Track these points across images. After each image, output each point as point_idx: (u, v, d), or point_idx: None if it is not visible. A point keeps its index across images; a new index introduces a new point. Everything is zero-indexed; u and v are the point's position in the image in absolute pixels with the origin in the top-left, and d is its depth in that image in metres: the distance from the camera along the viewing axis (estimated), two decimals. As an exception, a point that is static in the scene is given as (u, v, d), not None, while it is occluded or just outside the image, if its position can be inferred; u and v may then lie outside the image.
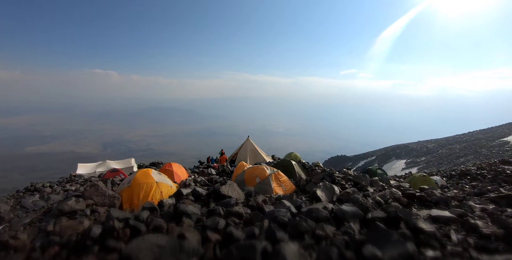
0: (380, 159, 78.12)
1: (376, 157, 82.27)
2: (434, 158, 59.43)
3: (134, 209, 5.37)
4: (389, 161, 73.71)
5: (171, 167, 11.71)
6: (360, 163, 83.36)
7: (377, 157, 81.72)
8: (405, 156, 71.36)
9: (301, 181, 9.81)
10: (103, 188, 6.25)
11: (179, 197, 6.34)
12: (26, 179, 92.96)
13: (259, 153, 20.54)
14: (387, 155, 78.62)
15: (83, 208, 5.37)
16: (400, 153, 74.81)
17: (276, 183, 8.64)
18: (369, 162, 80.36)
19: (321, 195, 6.88)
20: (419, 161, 62.52)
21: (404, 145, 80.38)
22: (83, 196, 6.05)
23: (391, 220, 4.68)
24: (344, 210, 4.95)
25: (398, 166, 64.76)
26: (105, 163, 21.41)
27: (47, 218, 5.21)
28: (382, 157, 79.88)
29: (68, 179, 18.22)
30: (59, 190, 11.32)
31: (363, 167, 70.24)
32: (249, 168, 9.46)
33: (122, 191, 6.94)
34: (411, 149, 74.00)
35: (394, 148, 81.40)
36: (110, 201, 6.16)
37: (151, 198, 6.75)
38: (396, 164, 68.48)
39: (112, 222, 3.55)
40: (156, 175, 7.55)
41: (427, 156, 63.56)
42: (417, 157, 66.15)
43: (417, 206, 7.49)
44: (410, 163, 63.87)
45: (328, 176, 9.63)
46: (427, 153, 66.48)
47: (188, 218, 4.23)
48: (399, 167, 63.92)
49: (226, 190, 6.09)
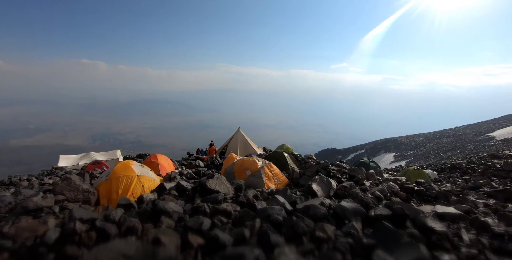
0: (369, 152, 78.92)
1: (366, 150, 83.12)
2: (422, 151, 60.28)
3: (110, 206, 4.79)
4: (378, 154, 74.55)
5: (156, 158, 11.05)
6: (350, 156, 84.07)
7: (367, 150, 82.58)
8: (394, 149, 72.26)
9: (294, 173, 9.34)
10: (76, 182, 5.61)
11: (162, 191, 5.77)
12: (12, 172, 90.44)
13: (250, 144, 19.98)
14: (376, 148, 79.48)
15: (50, 205, 4.73)
16: (389, 147, 75.68)
17: (268, 176, 8.14)
18: (359, 155, 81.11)
19: (317, 189, 6.41)
20: (407, 154, 63.37)
21: (393, 138, 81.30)
22: (54, 191, 5.42)
23: (397, 218, 4.23)
24: (344, 206, 4.48)
25: (387, 159, 65.52)
26: (89, 155, 20.49)
27: (9, 217, 4.56)
28: (371, 150, 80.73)
29: (49, 171, 17.35)
30: (36, 184, 10.58)
31: (353, 160, 70.70)
32: (239, 160, 8.91)
33: (100, 185, 6.31)
34: (399, 143, 74.93)
35: (384, 141, 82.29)
36: (85, 196, 5.54)
37: (131, 193, 6.15)
38: (385, 157, 69.31)
39: (73, 224, 2.96)
40: (138, 168, 6.92)
41: (415, 150, 64.46)
42: (405, 151, 67.04)
43: (416, 200, 7.13)
44: (399, 156, 64.70)
45: (323, 169, 9.19)
46: (415, 146, 67.42)
47: (167, 218, 3.67)
48: (388, 160, 64.68)
49: (213, 184, 5.54)
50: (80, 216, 3.17)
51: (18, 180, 13.63)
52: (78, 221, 3.08)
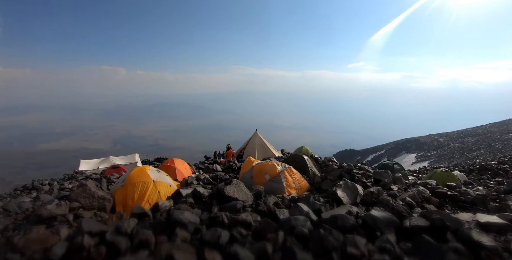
0: (389, 153, 76.52)
1: (386, 151, 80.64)
2: (446, 151, 57.68)
3: (124, 215, 4.59)
4: (399, 155, 72.08)
5: (173, 163, 10.88)
6: (369, 157, 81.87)
7: (387, 151, 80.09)
8: (416, 149, 69.58)
9: (315, 178, 8.91)
10: (91, 189, 5.47)
11: (178, 198, 5.52)
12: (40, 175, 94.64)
13: (268, 147, 19.59)
14: (397, 149, 76.90)
15: (65, 213, 4.59)
16: (410, 147, 72.98)
17: (288, 180, 7.75)
18: (379, 156, 78.85)
19: (342, 196, 5.97)
20: (430, 154, 60.84)
21: (414, 138, 78.35)
22: (69, 198, 5.29)
23: (436, 229, 3.76)
24: (374, 216, 4.04)
25: (409, 160, 63.20)
26: (108, 159, 20.80)
27: (24, 225, 4.45)
28: (391, 150, 78.22)
29: (70, 176, 17.71)
30: (55, 189, 10.71)
31: (373, 161, 68.70)
32: (258, 164, 8.57)
33: (116, 191, 6.16)
34: (421, 143, 72.06)
35: (404, 141, 79.50)
36: (100, 203, 5.38)
37: (147, 199, 5.96)
38: (406, 158, 66.90)
39: (81, 239, 2.73)
40: (154, 173, 6.74)
41: (438, 150, 61.78)
42: (428, 151, 64.40)
43: (450, 207, 6.55)
44: (421, 157, 62.25)
45: (347, 173, 8.70)
46: (438, 146, 64.61)
47: (183, 230, 3.38)
48: (410, 161, 62.37)
49: (232, 190, 5.23)
50: (89, 228, 2.93)
51: (40, 185, 13.93)
52: (86, 234, 2.84)
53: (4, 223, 4.58)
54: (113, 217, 4.34)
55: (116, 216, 4.41)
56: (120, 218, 4.36)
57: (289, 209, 4.88)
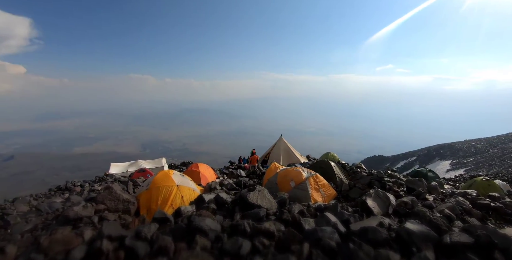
0: (421, 160, 72.49)
1: (417, 157, 76.47)
2: (484, 158, 53.72)
3: (146, 219, 4.57)
4: (431, 162, 67.99)
5: (197, 167, 10.89)
6: (399, 164, 78.09)
7: (418, 157, 75.93)
8: (450, 156, 65.29)
9: (343, 185, 8.49)
10: (117, 192, 5.53)
11: (200, 203, 5.44)
12: (74, 176, 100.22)
13: (293, 152, 19.18)
14: (430, 155, 72.59)
15: (90, 214, 4.65)
16: (444, 153, 68.63)
17: (314, 188, 7.45)
18: (409, 162, 74.98)
19: (372, 206, 5.59)
20: (466, 161, 56.89)
21: (449, 144, 73.60)
22: (96, 200, 5.38)
23: (482, 247, 3.36)
24: (410, 229, 3.69)
25: (443, 167, 59.46)
26: (137, 163, 21.45)
27: (52, 226, 4.55)
28: (423, 157, 74.03)
29: (100, 178, 18.40)
30: (86, 190, 11.10)
31: (404, 168, 65.42)
32: (283, 170, 8.34)
33: (140, 195, 6.21)
34: (457, 149, 67.48)
35: (438, 147, 74.91)
36: (124, 206, 5.42)
37: (170, 204, 5.94)
38: (440, 165, 62.96)
39: (100, 243, 2.67)
40: (178, 177, 6.73)
41: (475, 156, 57.63)
42: (464, 158, 60.23)
43: (494, 220, 5.93)
44: (456, 164, 58.32)
45: (377, 181, 8.21)
46: (475, 153, 60.27)
47: (203, 237, 3.26)
48: (444, 168, 58.66)
49: (255, 197, 5.06)
50: (109, 233, 2.89)
51: (72, 186, 14.60)
52: (106, 239, 2.80)
53: (35, 222, 4.73)
54: (135, 220, 4.32)
55: (139, 220, 4.38)
56: (142, 222, 4.34)
57: (315, 219, 4.62)
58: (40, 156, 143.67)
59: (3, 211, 6.06)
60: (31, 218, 5.10)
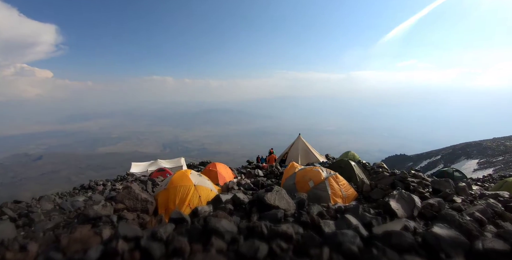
0: (446, 159, 69.23)
1: (442, 157, 73.07)
2: (515, 157, 50.66)
3: (163, 219, 4.56)
4: (457, 161, 64.77)
5: (215, 167, 10.89)
6: (422, 163, 75.06)
7: (443, 156, 72.52)
8: (478, 155, 61.89)
9: (364, 186, 8.19)
10: (136, 191, 5.59)
11: (218, 204, 5.39)
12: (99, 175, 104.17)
13: (311, 152, 18.84)
14: (455, 154, 69.11)
15: (109, 213, 4.71)
16: (471, 152, 65.15)
17: (334, 188, 7.22)
18: (433, 162, 71.85)
19: (396, 208, 5.31)
20: (495, 161, 53.77)
21: (476, 142, 69.78)
22: (115, 199, 5.46)
23: (518, 255, 3.08)
24: (438, 234, 3.45)
25: (469, 167, 56.54)
26: (157, 162, 21.88)
27: (73, 224, 4.64)
28: (448, 156, 70.65)
29: (122, 177, 18.94)
30: (108, 189, 11.42)
31: (427, 168, 62.98)
32: (301, 169, 8.15)
33: (158, 194, 6.26)
34: (484, 147, 63.83)
35: (464, 146, 71.23)
36: (143, 205, 5.47)
37: (188, 203, 5.93)
38: (466, 164, 59.88)
39: (115, 243, 2.65)
40: (195, 177, 6.73)
41: (505, 155, 54.38)
42: (492, 157, 56.95)
43: (529, 225, 5.49)
44: (484, 163, 55.25)
45: (400, 181, 7.84)
46: (505, 151, 56.85)
47: (219, 239, 3.18)
48: (470, 167, 55.77)
49: (272, 198, 4.94)
50: (125, 233, 2.86)
51: (95, 185, 15.10)
52: (121, 239, 2.78)
53: (57, 221, 4.85)
54: (153, 220, 4.32)
55: (156, 220, 4.38)
56: (159, 222, 4.33)
57: (335, 221, 4.45)
58: (66, 155, 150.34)
59: (29, 208, 6.30)
60: (54, 216, 5.26)
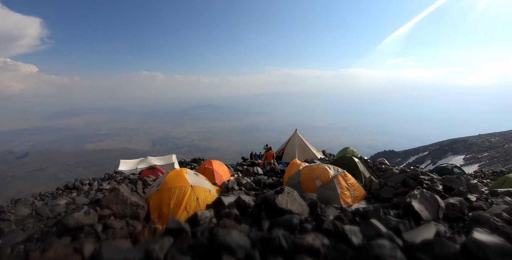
0: (433, 155, 70.35)
1: (429, 152, 74.27)
2: (500, 153, 51.57)
3: (158, 228, 3.86)
4: (444, 157, 65.90)
5: (211, 164, 10.17)
6: (410, 159, 76.11)
7: (430, 152, 73.73)
8: (464, 151, 63.02)
9: (372, 184, 7.66)
10: (124, 194, 4.85)
11: (219, 207, 4.71)
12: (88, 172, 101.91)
13: (308, 148, 18.26)
14: (442, 150, 70.31)
15: (93, 222, 3.98)
16: (457, 148, 66.28)
17: (343, 187, 6.65)
18: (421, 157, 72.95)
19: (420, 210, 4.74)
20: (480, 156, 54.79)
21: (462, 138, 71.04)
22: (101, 204, 4.72)
23: None
24: (480, 241, 2.90)
25: (455, 162, 57.36)
26: (147, 159, 20.89)
27: (49, 236, 3.88)
28: (436, 152, 71.83)
29: (109, 175, 17.98)
30: (94, 189, 10.58)
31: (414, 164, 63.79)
32: (306, 167, 7.53)
33: (150, 196, 5.52)
34: (470, 143, 65.05)
35: (450, 142, 72.48)
36: (133, 210, 4.75)
37: (184, 207, 5.23)
38: (452, 160, 60.92)
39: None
40: (192, 177, 6.02)
41: (490, 151, 55.44)
42: (478, 153, 58.03)
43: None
44: (470, 159, 56.28)
45: (412, 179, 7.33)
46: (490, 147, 58.01)
47: (230, 256, 2.52)
48: (457, 163, 56.58)
49: (284, 201, 4.31)
50: (110, 257, 2.16)
51: (80, 184, 14.11)
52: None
53: (30, 232, 4.06)
54: (145, 231, 3.62)
55: (150, 230, 3.68)
56: (153, 233, 3.63)
57: (359, 227, 3.85)
58: (53, 152, 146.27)
59: (1, 215, 5.49)
60: (28, 225, 4.47)
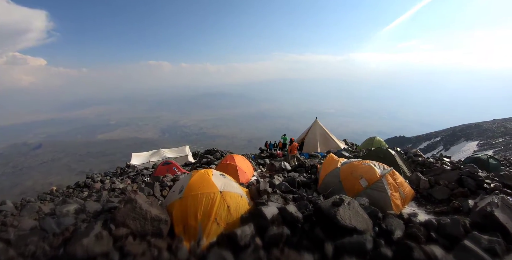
0: (446, 140, 68.34)
1: (441, 138, 72.21)
2: (515, 139, 49.57)
3: (185, 243, 3.03)
4: (457, 143, 63.93)
5: (233, 160, 9.22)
6: (422, 145, 74.31)
7: (442, 138, 71.67)
8: (477, 136, 60.89)
9: (420, 182, 6.66)
10: (142, 207, 4.00)
11: (259, 221, 3.81)
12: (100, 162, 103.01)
13: (330, 137, 17.04)
14: (455, 136, 68.14)
15: (107, 249, 3.13)
16: (471, 134, 64.06)
17: (392, 187, 5.69)
18: (433, 143, 71.05)
19: (505, 221, 3.78)
20: (495, 142, 52.83)
21: (476, 124, 68.67)
22: (115, 220, 3.86)
23: None
24: None
25: (469, 149, 55.62)
26: (159, 152, 20.17)
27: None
28: (448, 137, 69.74)
29: (122, 170, 17.32)
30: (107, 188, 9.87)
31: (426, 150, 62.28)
32: (346, 163, 6.54)
33: (172, 205, 4.66)
34: (485, 129, 62.76)
35: (464, 127, 70.13)
36: (154, 226, 3.90)
37: (214, 218, 4.35)
38: (466, 146, 59.03)
39: None
40: (219, 179, 5.12)
41: (505, 137, 53.37)
42: (492, 138, 56.01)
43: None
44: (484, 144, 54.32)
45: (469, 177, 6.29)
46: (505, 133, 55.84)
47: None
48: (470, 149, 54.81)
49: (347, 216, 3.39)
50: None
51: (92, 182, 13.43)
52: None
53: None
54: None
55: None
56: None
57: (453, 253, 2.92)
58: (66, 143, 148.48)
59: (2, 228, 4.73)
60: (31, 247, 3.64)
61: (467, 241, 3.06)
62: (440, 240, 3.45)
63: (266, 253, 2.90)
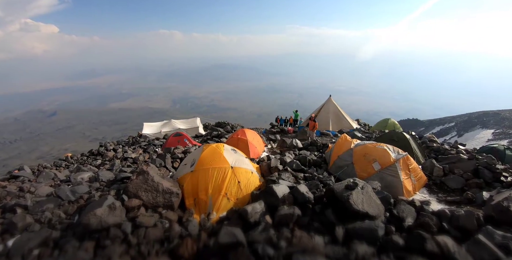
0: (460, 126, 66.55)
1: (456, 124, 70.35)
2: (536, 130, 47.84)
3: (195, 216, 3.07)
4: (471, 130, 62.21)
5: (245, 135, 9.19)
6: (435, 129, 72.67)
7: (457, 124, 69.76)
8: (494, 125, 59.03)
9: (434, 169, 6.52)
10: (154, 179, 4.04)
11: (270, 198, 3.80)
12: (112, 130, 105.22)
13: (343, 116, 16.61)
14: (471, 122, 66.14)
15: (120, 221, 3.19)
16: (487, 121, 62.01)
17: (405, 173, 5.60)
18: (446, 128, 69.34)
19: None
20: (511, 132, 51.32)
21: (494, 112, 66.28)
22: (127, 191, 3.92)
23: None
24: None
25: (483, 136, 54.18)
26: (170, 123, 20.33)
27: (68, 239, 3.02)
28: (463, 124, 67.81)
29: (134, 140, 17.61)
30: (119, 157, 10.08)
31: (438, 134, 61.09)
32: (359, 145, 6.42)
33: (183, 178, 4.72)
34: (502, 118, 60.67)
35: (481, 114, 67.77)
36: (166, 199, 3.96)
37: (225, 193, 4.40)
38: (480, 133, 57.43)
39: None
40: (231, 155, 5.11)
41: (523, 128, 51.67)
42: (509, 128, 54.33)
43: None
44: (499, 134, 52.71)
45: (486, 168, 6.10)
46: (523, 123, 54.05)
47: None
48: (484, 137, 53.40)
49: (360, 200, 3.33)
50: None
51: (105, 150, 13.73)
52: None
53: (45, 234, 3.16)
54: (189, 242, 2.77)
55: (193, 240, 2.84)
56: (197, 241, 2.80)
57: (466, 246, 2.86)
58: (79, 111, 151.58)
59: (20, 193, 4.85)
60: (47, 213, 3.74)
61: (481, 235, 2.99)
62: (452, 232, 3.38)
63: (276, 232, 2.90)
